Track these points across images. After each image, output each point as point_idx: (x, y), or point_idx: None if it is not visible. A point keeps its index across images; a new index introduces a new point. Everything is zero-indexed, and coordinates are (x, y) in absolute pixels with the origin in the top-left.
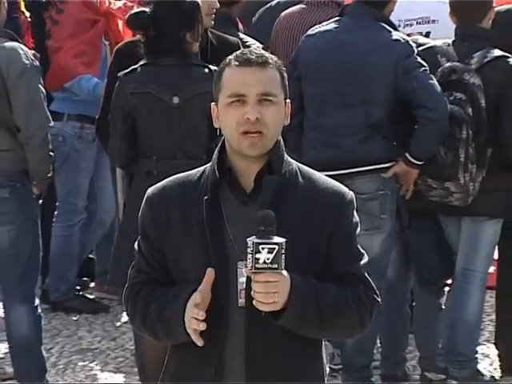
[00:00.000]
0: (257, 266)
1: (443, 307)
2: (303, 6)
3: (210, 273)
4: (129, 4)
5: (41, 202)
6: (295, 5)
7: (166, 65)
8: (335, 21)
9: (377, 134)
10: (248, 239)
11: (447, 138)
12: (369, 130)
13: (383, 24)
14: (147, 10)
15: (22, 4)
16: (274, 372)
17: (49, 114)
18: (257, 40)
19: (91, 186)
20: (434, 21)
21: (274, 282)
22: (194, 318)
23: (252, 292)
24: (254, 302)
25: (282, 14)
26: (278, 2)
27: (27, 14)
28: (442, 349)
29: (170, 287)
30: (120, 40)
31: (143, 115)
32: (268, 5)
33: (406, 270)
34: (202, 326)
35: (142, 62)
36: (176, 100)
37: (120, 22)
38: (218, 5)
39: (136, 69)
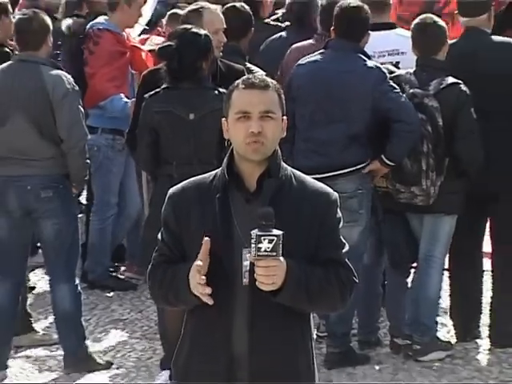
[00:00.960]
0: (259, 253)
1: (409, 286)
2: (312, 41)
3: (206, 242)
4: (144, 37)
5: (85, 202)
6: (304, 39)
7: (184, 88)
8: (320, 53)
9: (355, 143)
10: (251, 232)
11: (412, 151)
12: (348, 140)
13: (359, 54)
14: (173, 43)
15: None
16: (272, 337)
17: (86, 128)
18: (263, 66)
19: (121, 186)
20: (402, 53)
21: (273, 267)
22: (199, 284)
23: (255, 274)
24: (256, 283)
25: (293, 46)
26: (281, 36)
27: None
28: (407, 319)
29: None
30: (143, 68)
31: (165, 129)
32: (273, 37)
33: (378, 257)
34: (208, 290)
35: (164, 86)
36: (192, 116)
37: (143, 54)
38: (225, 39)
39: (159, 91)
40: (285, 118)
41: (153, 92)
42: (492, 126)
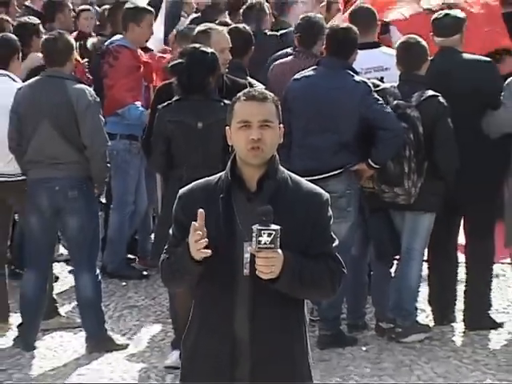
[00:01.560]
0: (259, 246)
1: (393, 275)
2: (292, 58)
3: (201, 213)
4: (151, 54)
5: (104, 201)
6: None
7: (194, 100)
8: (313, 69)
9: (344, 149)
10: (253, 226)
11: (396, 155)
12: (339, 146)
13: (348, 70)
14: (183, 60)
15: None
16: (271, 326)
17: (107, 135)
18: (265, 80)
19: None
20: (386, 69)
21: (272, 258)
22: (196, 242)
23: (255, 265)
24: (256, 272)
25: (276, 62)
26: (287, 53)
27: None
28: (391, 305)
29: None
30: (154, 81)
31: (177, 137)
32: (279, 53)
33: (365, 250)
34: (205, 242)
35: (175, 98)
36: (200, 125)
37: (153, 69)
38: (231, 57)
39: (171, 103)
40: (282, 126)
41: (165, 103)
42: (460, 141)
